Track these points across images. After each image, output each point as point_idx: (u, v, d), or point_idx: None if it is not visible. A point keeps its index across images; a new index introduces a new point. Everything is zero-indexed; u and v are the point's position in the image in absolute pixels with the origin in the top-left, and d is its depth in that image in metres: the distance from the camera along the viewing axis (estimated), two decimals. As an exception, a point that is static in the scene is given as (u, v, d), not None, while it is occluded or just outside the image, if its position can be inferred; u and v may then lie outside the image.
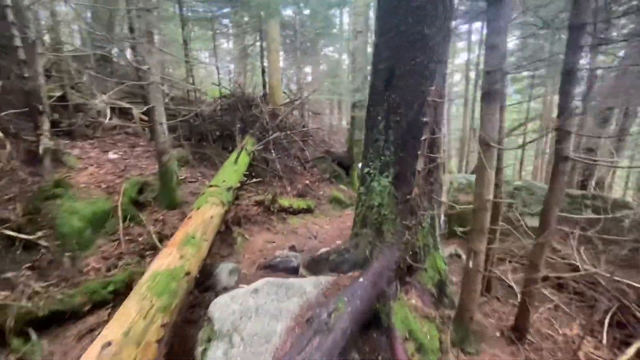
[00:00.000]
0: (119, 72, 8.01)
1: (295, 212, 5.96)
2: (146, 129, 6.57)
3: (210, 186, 4.20)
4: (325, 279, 2.86)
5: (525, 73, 22.32)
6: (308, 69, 16.46)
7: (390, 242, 2.98)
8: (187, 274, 2.55)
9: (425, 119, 3.06)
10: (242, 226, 4.76)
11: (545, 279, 3.34)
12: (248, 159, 6.20)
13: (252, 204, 5.30)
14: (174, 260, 2.57)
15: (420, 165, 3.02)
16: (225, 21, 11.98)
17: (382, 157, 3.25)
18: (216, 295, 2.74)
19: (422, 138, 3.02)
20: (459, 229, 4.44)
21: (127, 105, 6.91)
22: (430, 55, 3.01)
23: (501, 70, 2.31)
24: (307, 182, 7.27)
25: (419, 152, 3.04)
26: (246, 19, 10.43)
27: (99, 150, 5.36)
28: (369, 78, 4.26)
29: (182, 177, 5.18)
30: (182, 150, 6.28)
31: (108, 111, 6.15)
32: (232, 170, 5.02)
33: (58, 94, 5.69)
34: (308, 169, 7.89)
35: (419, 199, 2.94)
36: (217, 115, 7.86)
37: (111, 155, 5.29)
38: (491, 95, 2.35)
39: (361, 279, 2.58)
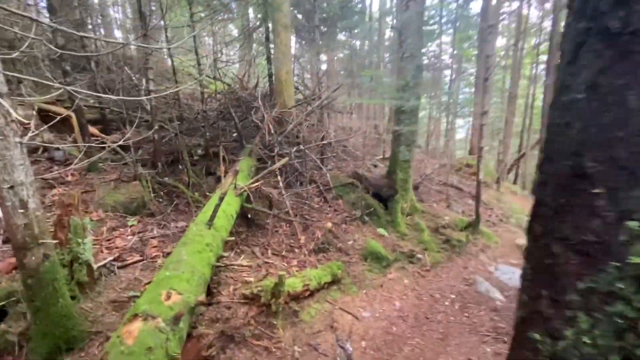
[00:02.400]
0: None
1: (313, 292, 3.64)
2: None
3: (136, 315, 1.90)
4: None
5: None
6: (323, 57, 13.75)
7: None
8: None
9: None
10: (214, 361, 2.47)
11: None
12: (238, 202, 3.89)
13: (239, 299, 2.99)
14: None
15: None
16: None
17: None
18: None
19: None
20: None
21: (61, 110, 4.68)
22: None
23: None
24: (330, 224, 4.92)
25: None
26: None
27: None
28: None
29: (110, 260, 2.86)
30: (135, 187, 4.00)
31: (33, 122, 3.90)
32: (199, 246, 2.70)
33: None
34: (330, 201, 5.53)
35: None
36: (201, 124, 5.54)
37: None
38: None
39: None
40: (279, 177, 5.09)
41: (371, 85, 4.63)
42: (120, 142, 3.06)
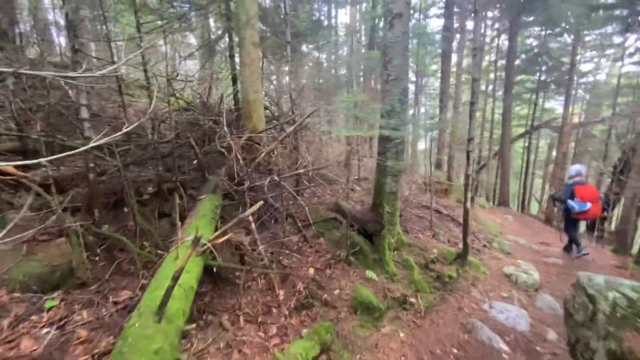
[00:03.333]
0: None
1: (301, 374, 2.91)
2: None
3: None
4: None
5: (523, 76, 20.31)
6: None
7: None
8: None
9: None
10: None
11: None
12: (200, 264, 3.08)
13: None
14: None
15: None
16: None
17: None
18: None
19: None
20: None
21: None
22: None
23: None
24: (313, 270, 4.24)
25: None
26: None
27: None
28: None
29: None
30: (60, 247, 3.02)
31: None
32: (143, 359, 1.87)
33: None
34: (310, 240, 4.84)
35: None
36: (151, 154, 4.61)
37: None
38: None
39: None
40: (250, 218, 4.32)
41: (352, 113, 4.08)
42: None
